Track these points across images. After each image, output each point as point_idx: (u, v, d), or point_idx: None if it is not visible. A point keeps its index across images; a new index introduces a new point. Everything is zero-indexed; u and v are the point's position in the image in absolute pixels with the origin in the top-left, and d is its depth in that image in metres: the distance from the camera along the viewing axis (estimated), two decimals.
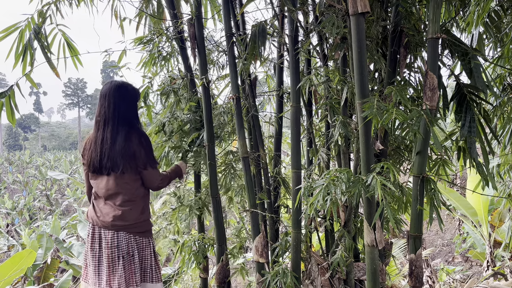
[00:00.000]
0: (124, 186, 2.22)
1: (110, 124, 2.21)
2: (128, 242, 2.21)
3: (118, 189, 2.21)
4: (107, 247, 2.18)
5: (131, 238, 2.22)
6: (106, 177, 2.21)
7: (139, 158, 2.23)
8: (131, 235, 2.22)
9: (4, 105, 2.79)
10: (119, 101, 2.23)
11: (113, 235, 2.19)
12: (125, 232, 2.20)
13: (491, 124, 2.39)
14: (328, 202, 1.73)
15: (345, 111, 2.26)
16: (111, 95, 2.23)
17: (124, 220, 2.20)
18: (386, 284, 2.35)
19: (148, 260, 2.30)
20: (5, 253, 8.50)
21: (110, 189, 2.21)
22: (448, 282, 5.39)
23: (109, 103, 2.21)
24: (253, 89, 2.74)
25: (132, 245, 2.23)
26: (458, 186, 7.86)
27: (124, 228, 2.20)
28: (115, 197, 2.22)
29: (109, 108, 2.21)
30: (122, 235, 2.20)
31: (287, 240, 2.47)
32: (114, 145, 2.18)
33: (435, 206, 1.86)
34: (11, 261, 4.71)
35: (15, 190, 20.75)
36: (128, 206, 2.22)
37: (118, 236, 2.19)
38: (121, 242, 2.20)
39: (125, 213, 2.20)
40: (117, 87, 2.25)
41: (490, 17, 2.85)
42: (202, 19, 2.77)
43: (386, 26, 2.23)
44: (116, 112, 2.22)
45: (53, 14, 2.92)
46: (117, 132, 2.20)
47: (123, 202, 2.21)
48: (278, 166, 2.73)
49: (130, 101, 2.30)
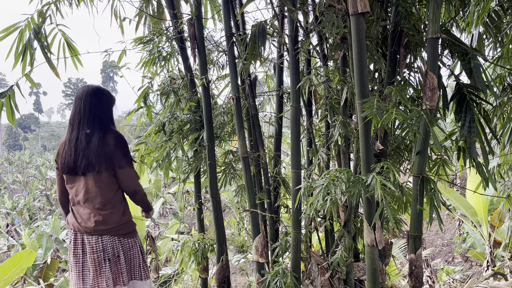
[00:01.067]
0: (102, 187, 2.18)
1: (86, 125, 2.20)
2: (113, 244, 2.20)
3: (96, 191, 2.17)
4: (92, 252, 2.16)
5: (116, 241, 2.21)
6: (83, 179, 2.18)
7: (115, 157, 2.19)
8: (115, 238, 2.20)
9: (4, 105, 2.79)
10: (96, 103, 2.23)
11: (97, 239, 2.17)
12: (108, 236, 2.18)
13: (491, 124, 2.39)
14: (328, 202, 1.73)
15: (345, 111, 2.26)
16: (87, 97, 2.23)
17: (106, 224, 2.18)
18: (386, 284, 2.35)
19: (136, 259, 2.29)
20: (5, 253, 8.50)
21: (88, 191, 2.18)
22: (448, 282, 5.39)
23: (85, 105, 2.21)
24: (253, 89, 2.74)
25: (117, 246, 2.21)
26: (458, 186, 7.86)
27: (107, 232, 2.18)
28: (94, 200, 2.18)
29: (85, 110, 2.21)
30: (106, 239, 2.18)
31: (287, 240, 2.47)
32: (89, 145, 2.16)
33: (435, 206, 1.86)
34: (11, 261, 4.71)
35: (15, 190, 20.74)
36: (109, 210, 2.20)
37: (102, 240, 2.17)
38: (106, 245, 2.18)
39: (106, 217, 2.18)
40: (94, 90, 2.26)
41: (490, 17, 2.85)
42: (202, 19, 2.77)
43: (386, 26, 2.23)
44: (92, 114, 2.21)
45: (53, 14, 2.92)
46: (92, 133, 2.18)
47: (102, 205, 2.19)
48: (278, 166, 2.73)
49: (106, 105, 2.29)
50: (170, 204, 12.50)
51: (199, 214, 3.00)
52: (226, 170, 2.82)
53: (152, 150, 2.94)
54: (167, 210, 12.77)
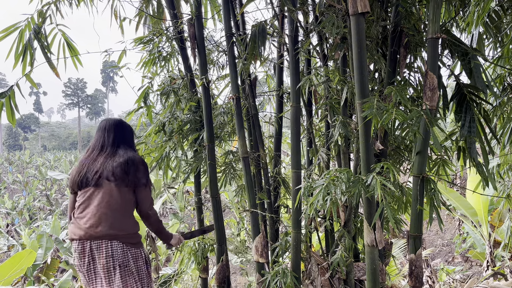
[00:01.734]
0: (118, 200, 2.20)
1: (108, 148, 2.30)
2: (123, 251, 2.18)
3: (112, 203, 2.19)
4: (101, 257, 2.15)
5: (125, 248, 2.19)
6: (100, 189, 2.21)
7: (136, 176, 2.26)
8: (124, 245, 2.19)
9: (4, 105, 2.79)
10: (118, 132, 2.36)
11: (106, 244, 2.15)
12: (117, 241, 2.17)
13: (491, 124, 2.39)
14: (328, 202, 1.73)
15: (345, 111, 2.26)
16: (110, 127, 2.35)
17: (117, 230, 2.17)
18: (386, 284, 2.35)
19: (143, 271, 2.26)
20: (5, 253, 8.50)
21: (103, 200, 2.19)
22: (448, 282, 5.39)
23: (109, 134, 2.34)
24: (253, 89, 2.74)
25: (127, 254, 2.19)
26: (458, 186, 7.86)
27: (117, 238, 2.17)
28: (108, 208, 2.19)
29: (108, 137, 2.33)
30: (116, 244, 2.17)
31: (287, 240, 2.47)
32: (111, 160, 2.24)
33: (435, 206, 1.86)
34: (11, 261, 4.71)
35: (15, 190, 20.74)
36: (121, 217, 2.20)
37: (112, 246, 2.16)
38: (116, 251, 2.16)
39: (117, 222, 2.18)
40: (117, 122, 2.40)
41: (490, 17, 2.85)
42: (202, 19, 2.77)
43: (386, 26, 2.23)
44: (116, 140, 2.33)
45: (53, 14, 2.92)
46: (114, 153, 2.28)
47: (116, 213, 2.20)
48: (278, 166, 2.73)
49: (128, 135, 2.41)
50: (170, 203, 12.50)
51: (199, 214, 3.00)
52: (226, 170, 2.82)
53: (152, 150, 2.94)
54: (167, 210, 12.77)
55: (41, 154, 43.93)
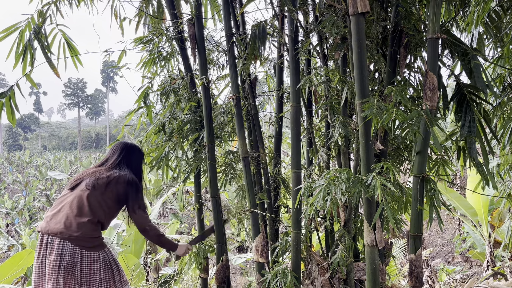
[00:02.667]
0: (98, 205, 2.30)
1: (109, 163, 2.47)
2: (72, 253, 2.20)
3: (89, 205, 2.27)
4: (51, 254, 2.19)
5: (77, 250, 2.21)
6: (76, 193, 2.31)
7: (129, 195, 2.38)
8: (77, 247, 2.21)
9: (4, 105, 2.79)
10: (126, 153, 2.53)
11: (59, 242, 2.19)
12: (71, 243, 2.20)
13: (491, 124, 2.39)
14: (328, 202, 1.73)
15: (345, 111, 2.26)
16: (121, 147, 2.54)
17: (74, 231, 2.21)
18: (386, 284, 2.35)
19: (96, 274, 2.26)
20: (5, 253, 8.50)
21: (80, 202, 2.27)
22: (448, 282, 5.39)
23: (115, 152, 2.52)
24: (253, 89, 2.74)
25: (77, 257, 2.21)
26: (458, 186, 7.86)
27: (70, 239, 2.20)
28: (80, 209, 2.26)
29: (113, 155, 2.51)
30: (68, 245, 2.20)
31: (287, 240, 2.47)
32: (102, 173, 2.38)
33: (435, 206, 1.86)
34: (11, 261, 4.71)
35: (15, 190, 20.74)
36: (85, 220, 2.24)
37: (64, 245, 2.19)
38: (65, 251, 2.19)
39: (78, 224, 2.22)
40: (128, 145, 2.59)
41: (490, 17, 2.85)
42: (202, 19, 2.77)
43: (386, 26, 2.23)
44: (120, 159, 2.49)
45: (53, 14, 2.92)
46: (110, 169, 2.43)
47: (84, 215, 2.25)
48: (278, 166, 2.73)
49: (135, 159, 2.57)
50: (170, 203, 12.50)
51: (199, 214, 3.00)
52: (226, 170, 2.82)
53: (152, 150, 2.94)
54: (167, 210, 12.77)
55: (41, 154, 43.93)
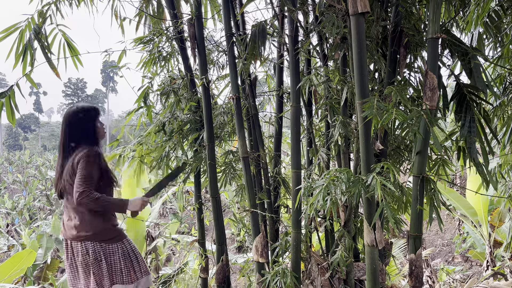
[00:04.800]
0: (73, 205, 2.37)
1: (62, 147, 2.46)
2: (94, 249, 2.34)
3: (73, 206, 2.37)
4: (78, 256, 2.36)
5: (97, 245, 2.35)
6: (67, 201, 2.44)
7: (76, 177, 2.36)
8: (96, 243, 2.35)
9: (4, 105, 2.79)
10: (71, 127, 2.44)
11: (81, 244, 2.35)
12: (90, 241, 2.35)
13: (491, 124, 2.39)
14: (328, 202, 1.73)
15: (345, 111, 2.26)
16: (64, 126, 2.46)
17: (85, 231, 2.35)
18: (386, 284, 2.35)
19: (117, 264, 2.39)
20: (5, 253, 8.49)
21: (67, 205, 2.42)
22: (448, 282, 5.39)
23: (64, 133, 2.46)
24: (253, 89, 2.74)
25: (99, 251, 2.35)
26: (458, 186, 7.86)
27: (87, 238, 2.35)
28: (73, 212, 2.39)
29: (65, 137, 2.45)
30: (88, 244, 2.34)
31: (287, 240, 2.47)
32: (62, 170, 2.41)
33: (435, 206, 1.86)
34: (11, 261, 4.72)
35: (15, 190, 20.72)
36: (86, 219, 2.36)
37: (85, 245, 2.34)
38: (88, 250, 2.34)
39: (84, 225, 2.36)
40: (67, 116, 2.47)
41: (490, 17, 2.85)
42: (202, 19, 2.77)
43: (386, 26, 2.23)
44: (70, 137, 2.43)
45: (53, 14, 2.92)
46: (66, 153, 2.43)
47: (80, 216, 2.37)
48: (278, 166, 2.73)
49: (81, 124, 2.46)
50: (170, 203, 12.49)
51: (199, 214, 3.00)
52: (226, 170, 2.82)
53: (152, 150, 2.94)
54: (167, 210, 12.76)
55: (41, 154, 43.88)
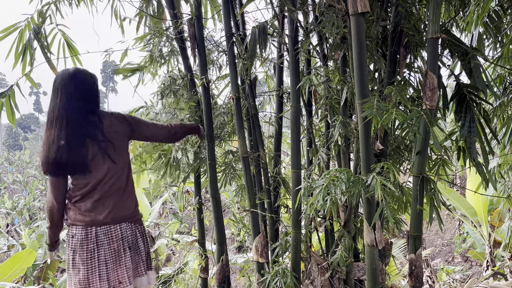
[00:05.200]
0: (113, 175, 2.07)
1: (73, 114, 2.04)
2: (132, 231, 2.12)
3: (112, 179, 2.07)
4: (111, 242, 2.05)
5: (133, 227, 2.13)
6: (93, 171, 2.04)
7: (128, 135, 2.13)
8: (132, 224, 2.13)
9: (4, 105, 2.79)
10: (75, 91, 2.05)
11: (115, 228, 2.06)
12: (126, 223, 2.10)
13: (491, 124, 2.38)
14: (328, 202, 1.72)
15: (345, 111, 2.26)
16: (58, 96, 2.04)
17: (124, 211, 2.10)
18: (386, 284, 2.35)
19: (147, 248, 2.24)
20: (5, 253, 8.49)
21: (102, 181, 2.05)
22: (448, 282, 5.39)
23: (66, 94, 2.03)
24: (253, 89, 2.73)
25: (135, 233, 2.14)
26: (458, 186, 7.86)
27: (124, 219, 2.10)
28: (109, 188, 2.07)
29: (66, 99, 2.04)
30: (124, 226, 2.09)
31: (287, 240, 2.47)
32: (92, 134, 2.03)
33: (435, 206, 1.86)
34: (11, 261, 4.72)
35: (15, 190, 20.72)
36: (125, 196, 2.12)
37: (121, 228, 2.08)
38: (126, 233, 2.09)
39: (124, 203, 2.11)
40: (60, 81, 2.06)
41: (490, 17, 2.85)
42: (202, 19, 2.77)
43: (386, 26, 2.23)
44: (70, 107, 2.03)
45: (53, 14, 2.92)
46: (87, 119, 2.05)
47: (119, 192, 2.09)
48: (278, 166, 2.73)
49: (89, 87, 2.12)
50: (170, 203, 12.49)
51: (199, 214, 3.01)
52: (226, 170, 2.82)
53: (153, 150, 2.94)
54: (167, 210, 12.76)
55: None
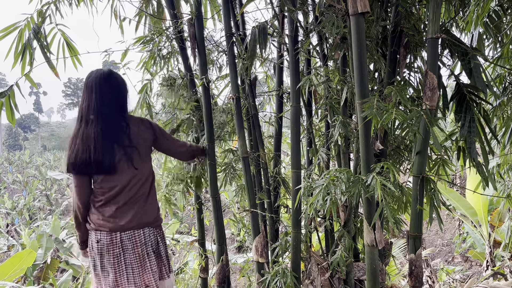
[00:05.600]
0: (138, 181, 2.12)
1: (106, 115, 2.10)
2: (155, 236, 2.19)
3: (135, 185, 2.12)
4: (135, 247, 2.10)
5: (155, 232, 2.20)
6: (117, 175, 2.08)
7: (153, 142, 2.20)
8: (154, 229, 2.19)
9: (4, 105, 2.79)
10: (110, 91, 2.14)
11: (139, 233, 2.12)
12: (149, 228, 2.16)
13: (491, 124, 2.38)
14: (328, 202, 1.72)
15: (345, 111, 2.26)
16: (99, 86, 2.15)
17: (147, 217, 2.15)
18: (386, 284, 2.35)
19: (167, 251, 2.30)
20: (5, 253, 8.49)
21: (126, 186, 2.09)
22: (448, 282, 5.39)
23: (101, 95, 2.11)
24: (253, 89, 2.73)
25: (156, 238, 2.20)
26: (458, 186, 7.86)
27: (147, 224, 2.16)
28: (133, 194, 2.11)
29: (101, 100, 2.12)
30: (147, 231, 2.15)
31: (287, 240, 2.47)
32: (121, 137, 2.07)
33: (435, 206, 1.86)
34: (11, 261, 4.72)
35: (15, 190, 20.72)
36: (148, 201, 2.18)
37: (144, 233, 2.13)
38: (149, 238, 2.15)
39: (146, 209, 2.15)
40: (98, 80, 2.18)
41: (490, 17, 2.85)
42: (202, 19, 2.77)
43: (386, 26, 2.23)
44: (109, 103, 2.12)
45: (53, 14, 2.92)
46: (120, 121, 2.10)
47: (142, 198, 2.14)
48: (278, 166, 2.73)
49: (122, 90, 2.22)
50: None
51: (199, 214, 3.01)
52: (226, 170, 2.82)
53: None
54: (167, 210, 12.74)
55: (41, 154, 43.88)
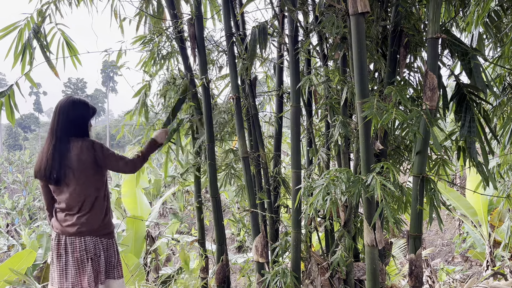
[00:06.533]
0: (81, 194, 2.31)
1: (60, 135, 2.30)
2: (94, 244, 2.33)
3: (77, 199, 2.30)
4: (74, 252, 2.30)
5: (97, 241, 2.34)
6: (65, 186, 2.31)
7: (94, 162, 2.31)
8: (97, 238, 2.34)
9: (4, 105, 2.79)
10: (73, 115, 2.33)
11: (80, 240, 2.30)
12: (90, 236, 2.32)
13: (491, 124, 2.38)
14: (328, 202, 1.72)
15: (345, 111, 2.26)
16: (65, 108, 2.33)
17: (88, 226, 2.31)
18: (386, 284, 2.35)
19: (113, 258, 2.41)
20: (5, 253, 8.49)
21: (70, 197, 2.31)
22: (448, 282, 5.38)
23: (63, 116, 2.31)
24: (253, 89, 2.73)
25: (99, 246, 2.34)
26: (458, 186, 7.86)
27: (89, 233, 2.32)
28: (75, 206, 2.31)
29: (62, 120, 2.31)
30: (88, 239, 2.31)
31: (287, 240, 2.47)
32: (67, 154, 2.28)
33: (435, 206, 1.86)
34: (11, 261, 4.71)
35: (15, 190, 20.71)
36: (91, 212, 2.33)
37: (85, 241, 2.31)
38: (88, 245, 2.31)
39: (88, 219, 2.31)
40: (71, 102, 2.36)
41: (490, 17, 2.85)
42: (202, 19, 2.77)
43: (386, 26, 2.23)
44: (69, 124, 2.31)
45: (53, 14, 2.91)
46: (68, 143, 2.30)
47: (84, 208, 2.32)
48: (278, 166, 2.73)
49: (84, 115, 2.39)
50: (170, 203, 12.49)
51: (199, 214, 3.01)
52: (226, 170, 2.82)
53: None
54: (167, 210, 12.76)
55: None
